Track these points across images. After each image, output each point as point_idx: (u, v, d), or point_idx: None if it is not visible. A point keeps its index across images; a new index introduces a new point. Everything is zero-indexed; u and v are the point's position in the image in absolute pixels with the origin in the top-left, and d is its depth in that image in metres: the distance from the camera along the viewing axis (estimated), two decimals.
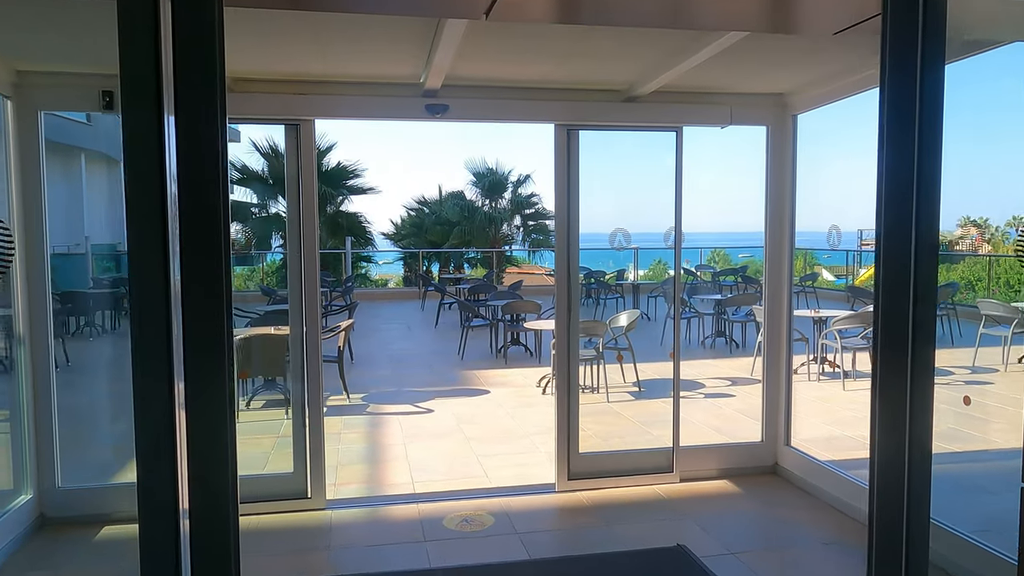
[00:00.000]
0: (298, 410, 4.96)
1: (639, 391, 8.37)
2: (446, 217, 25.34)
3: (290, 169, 4.77)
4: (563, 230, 5.10)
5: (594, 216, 5.48)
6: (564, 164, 4.99)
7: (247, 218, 21.88)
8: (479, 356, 10.82)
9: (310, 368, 4.91)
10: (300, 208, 4.78)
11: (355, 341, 12.15)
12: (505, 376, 9.34)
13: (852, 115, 5.16)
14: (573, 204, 5.07)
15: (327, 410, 7.49)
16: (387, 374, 9.59)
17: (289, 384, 5.20)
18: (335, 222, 22.59)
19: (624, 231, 5.47)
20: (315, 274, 4.84)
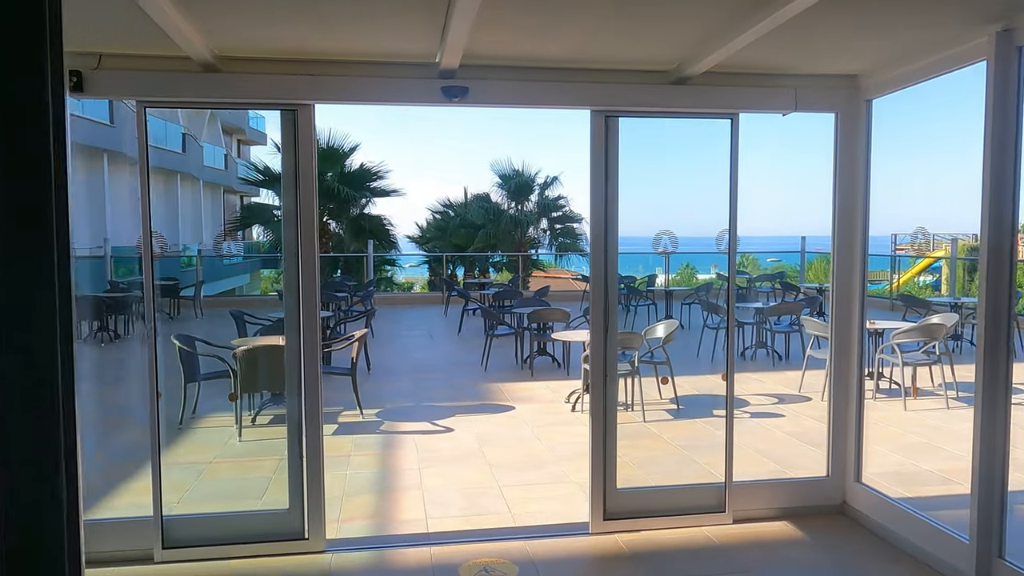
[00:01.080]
0: (294, 435, 4.35)
1: (678, 409, 7.67)
2: (471, 220, 24.75)
3: (286, 161, 4.16)
4: (599, 232, 4.43)
5: (630, 216, 4.80)
6: (601, 156, 4.33)
7: (269, 220, 21.46)
8: (503, 367, 10.17)
9: (308, 386, 4.29)
10: (298, 205, 4.17)
11: (374, 349, 11.58)
12: (531, 390, 8.67)
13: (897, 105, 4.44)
14: (612, 202, 4.40)
15: (338, 428, 6.89)
16: (405, 386, 8.97)
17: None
18: (358, 225, 22.09)
19: (670, 234, 4.78)
20: (314, 278, 4.23)
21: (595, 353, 4.57)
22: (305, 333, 4.24)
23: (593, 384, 4.60)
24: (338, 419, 7.32)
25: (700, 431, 7.02)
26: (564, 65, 4.24)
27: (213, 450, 6.34)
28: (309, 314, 4.23)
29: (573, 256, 24.31)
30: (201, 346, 7.51)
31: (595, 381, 4.58)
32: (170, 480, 5.46)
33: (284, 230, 4.22)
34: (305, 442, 4.32)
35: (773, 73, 4.43)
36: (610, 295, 4.53)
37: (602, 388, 4.59)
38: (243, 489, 5.43)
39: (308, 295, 4.22)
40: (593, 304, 4.53)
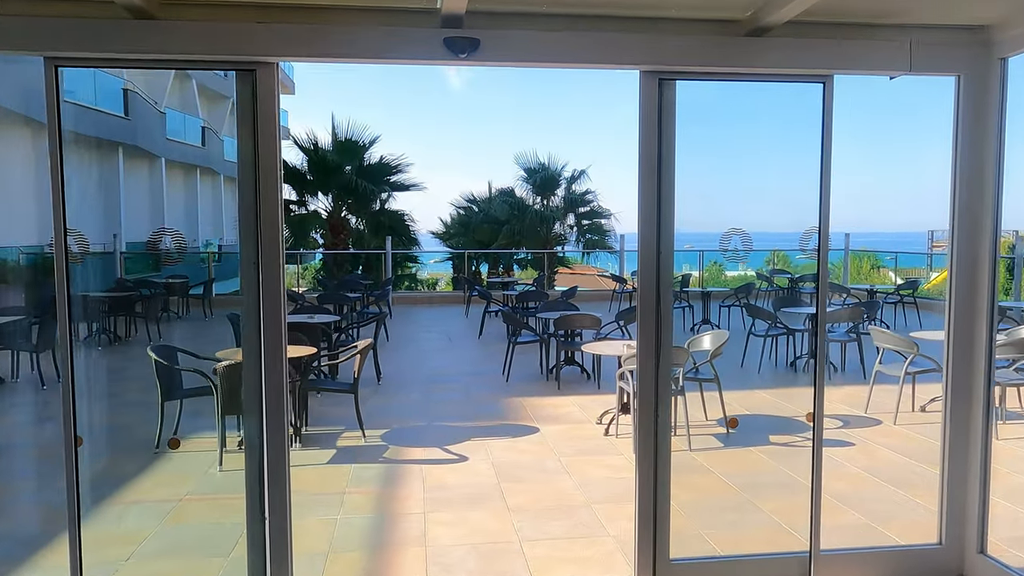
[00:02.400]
0: (252, 483, 3.42)
1: (727, 433, 6.63)
2: (495, 215, 23.79)
3: (243, 139, 3.22)
4: (650, 226, 3.43)
5: (683, 209, 3.79)
6: (653, 132, 3.33)
7: (285, 215, 20.71)
8: (527, 377, 9.19)
9: (271, 417, 3.36)
10: (259, 194, 3.23)
11: (386, 355, 10.67)
12: (558, 407, 7.69)
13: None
14: (666, 189, 3.39)
15: (335, 454, 5.97)
16: (417, 401, 8.03)
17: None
18: (377, 220, 21.23)
19: (741, 232, 3.75)
20: (278, 275, 3.29)
21: (643, 380, 3.58)
22: (267, 342, 3.30)
23: (640, 412, 3.61)
24: (337, 443, 6.39)
25: (757, 464, 5.98)
26: (605, 11, 3.25)
27: (187, 483, 5.44)
28: (271, 320, 3.30)
29: (601, 254, 23.23)
30: (184, 359, 6.63)
31: (642, 409, 3.59)
32: (124, 529, 4.58)
33: (240, 224, 3.28)
34: (267, 492, 3.39)
35: (879, 23, 3.39)
36: (663, 304, 3.54)
37: (652, 429, 3.60)
38: (211, 539, 4.52)
39: (270, 299, 3.29)
40: (641, 316, 3.54)
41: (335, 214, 20.40)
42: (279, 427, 3.37)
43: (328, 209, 20.54)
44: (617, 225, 22.41)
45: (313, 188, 20.45)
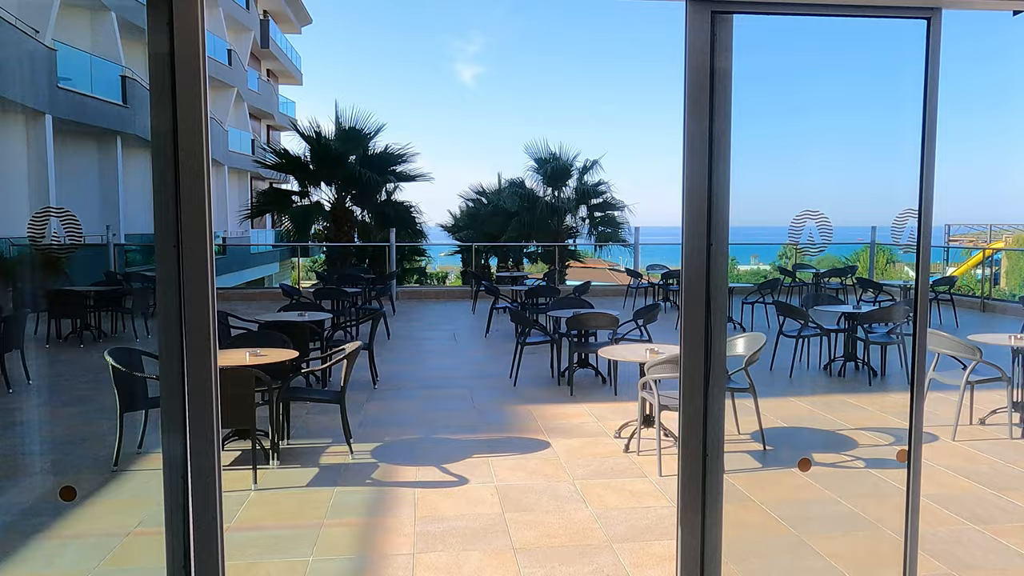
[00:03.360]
0: (175, 503, 2.66)
1: (764, 451, 5.83)
2: (504, 207, 22.99)
3: (156, 76, 2.45)
4: (698, 204, 2.63)
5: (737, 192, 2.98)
6: (704, 79, 2.53)
7: (287, 206, 19.95)
8: (536, 381, 8.41)
9: (196, 439, 2.60)
10: (177, 128, 2.47)
11: (386, 354, 9.92)
12: (571, 417, 6.90)
13: None
14: (720, 163, 2.59)
15: (316, 474, 5.20)
16: (415, 408, 7.27)
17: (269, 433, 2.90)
18: (382, 212, 20.47)
19: (819, 216, 2.93)
20: (204, 259, 2.53)
21: (689, 397, 2.79)
22: (189, 345, 2.53)
23: (685, 434, 2.83)
24: (320, 459, 5.63)
25: (803, 490, 5.18)
26: None
27: (140, 511, 4.69)
28: (197, 316, 2.53)
29: (614, 247, 22.40)
30: (150, 364, 5.89)
31: (688, 432, 2.81)
32: (57, 571, 3.84)
33: (155, 194, 2.51)
34: (191, 532, 2.63)
35: None
36: (714, 309, 2.73)
37: (698, 443, 2.81)
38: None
39: (195, 290, 2.52)
40: (686, 323, 2.75)
41: (339, 205, 19.65)
42: (205, 452, 2.61)
43: (331, 200, 19.80)
44: (631, 217, 21.60)
45: (316, 178, 19.70)
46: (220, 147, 31.40)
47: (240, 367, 5.16)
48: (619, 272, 36.04)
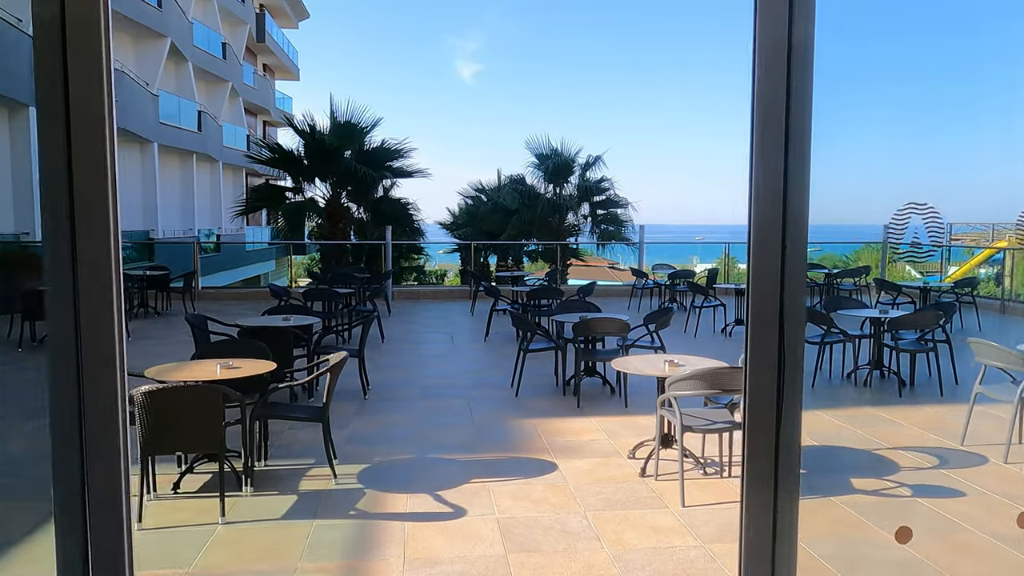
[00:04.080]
0: (71, 544, 2.04)
1: None
2: (504, 204, 22.39)
3: (42, 40, 1.83)
4: (770, 200, 2.01)
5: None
6: (779, 54, 1.92)
7: (280, 203, 19.31)
8: (540, 390, 7.81)
9: (95, 478, 1.99)
10: (69, 113, 1.85)
11: (380, 359, 9.32)
12: (579, 433, 6.30)
13: None
14: (797, 143, 1.97)
15: (295, 503, 4.60)
16: (408, 422, 6.66)
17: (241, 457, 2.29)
18: (379, 209, 19.86)
19: (927, 211, 2.16)
20: (108, 253, 1.91)
21: (758, 433, 2.18)
22: (87, 358, 1.92)
23: (750, 478, 2.22)
24: (300, 484, 5.03)
25: (846, 523, 4.57)
26: None
27: None
28: (96, 324, 1.92)
29: (618, 246, 21.79)
30: None
31: (753, 474, 2.20)
32: None
33: (42, 175, 1.89)
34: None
35: None
36: (790, 319, 2.12)
37: (769, 514, 2.20)
38: None
39: (95, 291, 1.91)
40: (752, 341, 2.14)
41: (333, 201, 19.03)
42: (109, 490, 1.99)
43: (326, 196, 19.19)
44: (635, 215, 20.99)
45: (310, 174, 19.08)
46: (215, 142, 30.78)
47: (205, 383, 4.55)
48: (619, 270, 35.46)
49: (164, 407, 4.26)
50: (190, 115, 27.94)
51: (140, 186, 24.74)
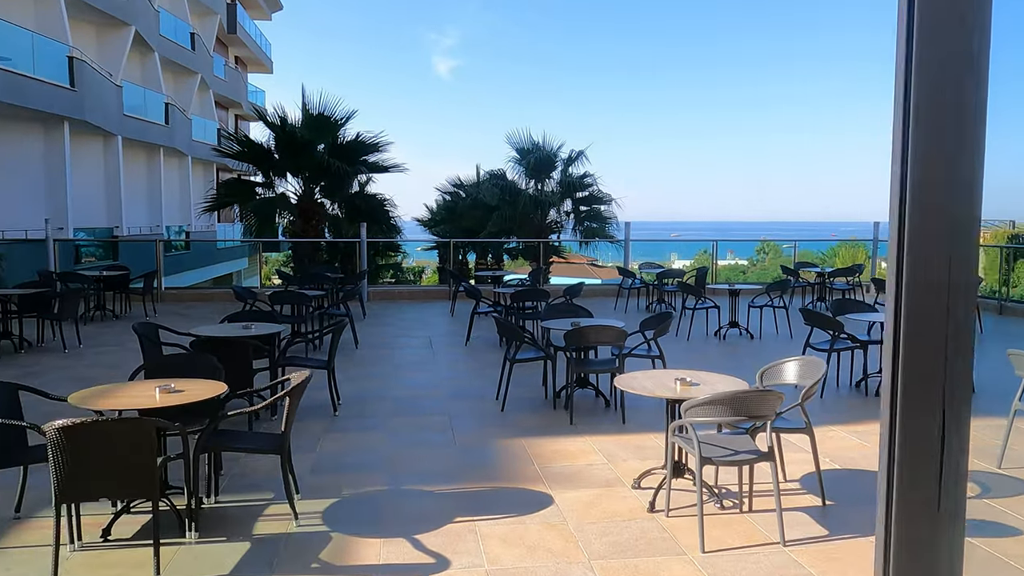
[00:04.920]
0: None
1: (824, 506, 4.61)
2: (483, 201, 21.67)
3: None
4: (928, 193, 1.33)
5: None
6: (943, 18, 1.25)
7: (250, 198, 18.39)
8: (527, 403, 7.15)
9: None
10: None
11: (352, 369, 8.60)
12: (575, 456, 5.63)
13: None
14: (969, 125, 1.30)
15: (247, 551, 3.88)
16: (382, 443, 5.95)
17: None
18: (353, 205, 19.05)
19: None
20: None
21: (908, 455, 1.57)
22: None
23: None
24: (254, 527, 4.30)
25: None
26: None
27: None
28: None
29: (602, 243, 21.18)
30: (31, 401, 4.53)
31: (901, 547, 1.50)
32: None
33: None
34: None
35: None
36: (957, 323, 1.44)
37: None
38: None
39: None
40: (907, 341, 1.46)
41: (306, 197, 18.18)
42: None
43: (298, 192, 18.33)
44: (619, 212, 20.37)
45: (281, 168, 18.21)
46: (183, 136, 29.68)
47: (140, 413, 3.82)
48: (598, 267, 34.85)
49: (85, 445, 3.52)
50: (157, 107, 26.88)
51: (103, 181, 23.68)
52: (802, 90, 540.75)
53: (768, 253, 56.18)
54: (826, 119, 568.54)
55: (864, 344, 7.67)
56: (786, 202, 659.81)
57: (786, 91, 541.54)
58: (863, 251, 41.25)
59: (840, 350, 7.71)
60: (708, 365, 9.24)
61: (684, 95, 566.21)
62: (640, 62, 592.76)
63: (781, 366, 4.96)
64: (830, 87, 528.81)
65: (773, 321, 11.70)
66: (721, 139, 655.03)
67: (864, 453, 5.70)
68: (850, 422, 6.55)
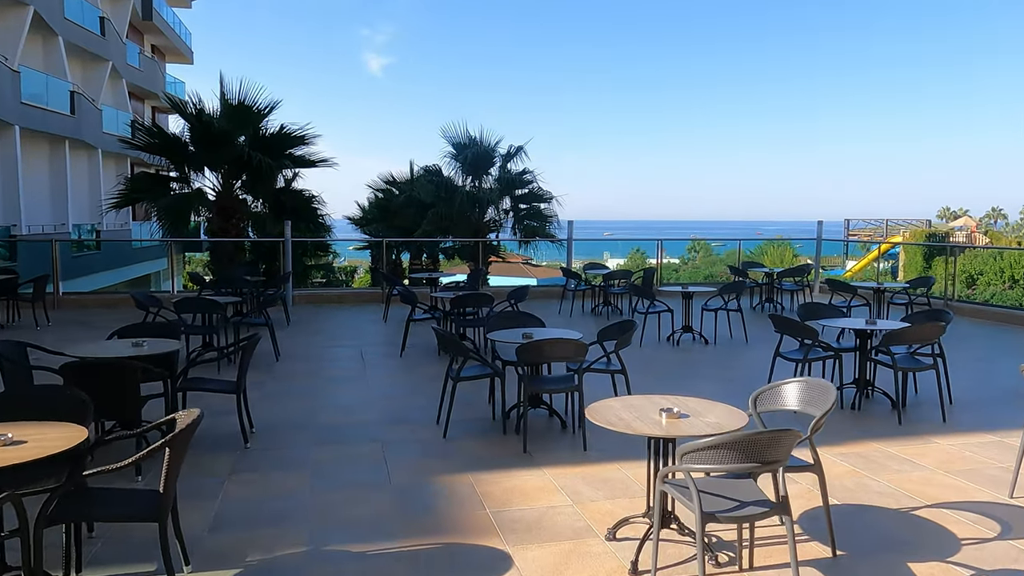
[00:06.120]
0: None
1: (834, 556, 3.86)
2: (418, 198, 20.63)
3: None
4: None
5: None
6: None
7: (162, 194, 16.87)
8: (473, 426, 6.25)
9: None
10: None
11: (271, 385, 7.56)
12: (531, 495, 4.76)
13: None
14: None
15: None
16: (301, 485, 4.95)
17: None
18: (278, 201, 17.74)
19: None
20: None
21: None
22: None
23: None
24: None
25: None
26: None
27: None
28: None
29: (542, 243, 20.42)
30: None
31: None
32: None
33: None
34: None
35: None
36: None
37: None
38: None
39: None
40: None
41: (225, 193, 16.79)
42: None
43: (217, 188, 16.92)
44: (560, 210, 19.62)
45: (197, 162, 16.77)
46: (92, 127, 27.55)
47: None
48: (536, 267, 34.11)
49: None
50: (61, 96, 24.80)
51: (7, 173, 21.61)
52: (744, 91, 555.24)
53: (699, 252, 56.72)
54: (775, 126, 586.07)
55: (838, 353, 7.05)
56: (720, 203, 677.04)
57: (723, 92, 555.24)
58: (790, 250, 41.90)
59: (814, 360, 7.08)
60: (666, 376, 8.55)
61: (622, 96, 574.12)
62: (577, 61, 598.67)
63: (779, 389, 4.20)
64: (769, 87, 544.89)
65: (727, 324, 11.11)
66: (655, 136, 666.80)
67: (861, 482, 5.01)
68: (835, 443, 5.88)
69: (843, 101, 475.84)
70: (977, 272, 28.01)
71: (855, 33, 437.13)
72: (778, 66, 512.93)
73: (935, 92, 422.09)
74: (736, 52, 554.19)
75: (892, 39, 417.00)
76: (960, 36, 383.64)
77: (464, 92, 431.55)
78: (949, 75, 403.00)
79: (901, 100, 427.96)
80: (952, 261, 15.82)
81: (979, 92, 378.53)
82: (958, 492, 4.83)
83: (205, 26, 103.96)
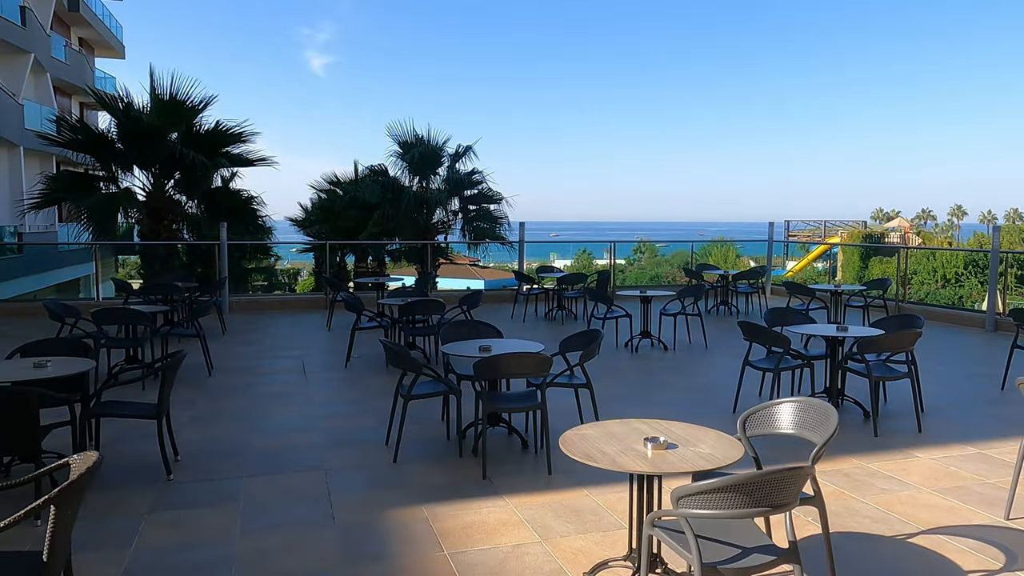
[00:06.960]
0: None
1: None
2: (363, 198, 19.90)
3: None
4: None
5: None
6: None
7: (88, 194, 15.77)
8: (426, 448, 5.70)
9: None
10: None
11: (202, 404, 6.86)
12: (494, 532, 4.24)
13: None
14: None
15: None
16: (229, 526, 4.32)
17: None
18: (214, 202, 16.83)
19: None
20: None
21: None
22: None
23: None
24: None
25: None
26: None
27: None
28: None
29: (492, 245, 19.91)
30: None
31: None
32: None
33: None
34: None
35: None
36: None
37: None
38: None
39: None
40: None
41: (156, 193, 15.81)
42: None
43: (147, 188, 15.92)
44: (510, 211, 19.16)
45: (125, 160, 15.74)
46: (13, 123, 25.91)
47: None
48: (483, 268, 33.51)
49: None
50: None
51: None
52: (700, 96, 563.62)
53: (645, 253, 56.98)
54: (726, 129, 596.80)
55: (809, 361, 6.73)
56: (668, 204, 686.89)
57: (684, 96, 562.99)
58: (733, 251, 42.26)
59: (784, 369, 6.73)
60: (631, 386, 8.09)
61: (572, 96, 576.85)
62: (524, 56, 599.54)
63: (772, 410, 3.77)
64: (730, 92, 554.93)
65: (686, 329, 10.78)
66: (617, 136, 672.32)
67: (848, 505, 4.64)
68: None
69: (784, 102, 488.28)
70: (912, 272, 28.68)
71: (806, 35, 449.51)
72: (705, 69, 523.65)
73: (864, 91, 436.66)
74: (680, 53, 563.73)
75: (834, 38, 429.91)
76: (893, 41, 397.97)
77: (410, 91, 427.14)
78: (884, 77, 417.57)
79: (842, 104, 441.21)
80: (905, 262, 15.89)
81: (915, 95, 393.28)
82: (952, 514, 4.49)
83: (139, 21, 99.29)
